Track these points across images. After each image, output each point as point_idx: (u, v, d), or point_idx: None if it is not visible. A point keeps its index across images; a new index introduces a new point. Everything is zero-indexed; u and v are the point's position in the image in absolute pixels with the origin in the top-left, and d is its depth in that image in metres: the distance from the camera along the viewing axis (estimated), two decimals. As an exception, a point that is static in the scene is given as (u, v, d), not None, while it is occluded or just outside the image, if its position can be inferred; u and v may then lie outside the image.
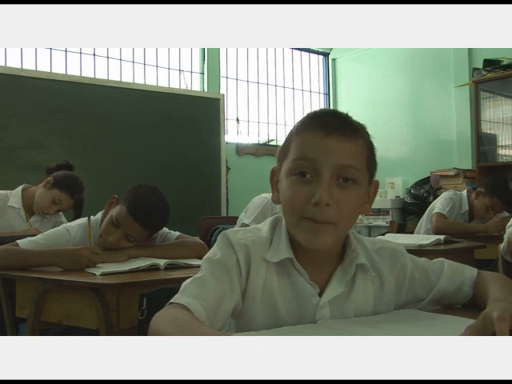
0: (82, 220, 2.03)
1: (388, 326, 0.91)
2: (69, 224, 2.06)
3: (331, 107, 6.42)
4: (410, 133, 5.74)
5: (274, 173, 1.00)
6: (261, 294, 0.94)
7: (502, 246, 2.25)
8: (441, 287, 1.05)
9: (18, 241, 1.87)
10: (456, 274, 1.06)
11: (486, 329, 0.74)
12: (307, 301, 0.94)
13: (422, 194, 5.16)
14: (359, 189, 0.92)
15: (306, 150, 0.91)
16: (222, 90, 5.54)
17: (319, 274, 0.96)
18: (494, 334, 0.72)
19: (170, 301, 0.86)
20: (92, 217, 2.03)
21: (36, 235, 1.96)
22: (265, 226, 1.00)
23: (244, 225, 2.97)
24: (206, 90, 5.41)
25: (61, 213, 2.89)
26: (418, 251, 2.33)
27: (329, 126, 0.91)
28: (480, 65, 5.01)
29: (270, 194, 1.02)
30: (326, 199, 0.87)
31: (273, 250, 0.96)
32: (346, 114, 0.96)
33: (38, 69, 4.39)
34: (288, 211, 0.94)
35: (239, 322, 0.96)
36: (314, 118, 0.95)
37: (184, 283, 0.90)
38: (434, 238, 2.71)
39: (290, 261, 0.95)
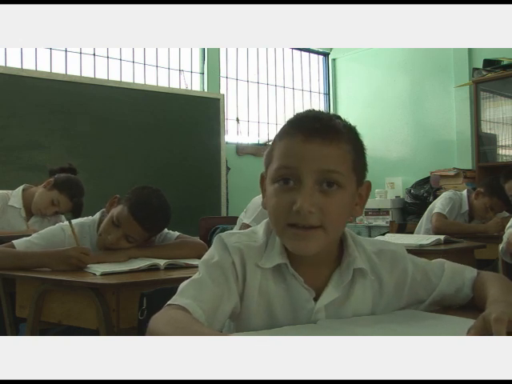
0: (79, 219, 2.03)
1: (387, 326, 0.90)
2: (65, 223, 2.06)
3: (331, 107, 6.43)
4: (410, 133, 5.73)
5: (263, 178, 0.98)
6: (257, 298, 0.93)
7: (501, 246, 2.25)
8: (441, 289, 1.04)
9: (13, 241, 1.86)
10: (456, 276, 1.05)
11: (486, 330, 0.74)
12: (302, 306, 0.93)
13: (422, 193, 5.16)
14: (345, 192, 0.90)
15: (287, 157, 0.89)
16: (222, 90, 5.53)
17: (316, 278, 0.95)
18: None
19: (168, 302, 0.86)
20: (90, 217, 2.04)
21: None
22: (260, 229, 0.99)
23: (244, 224, 2.97)
24: (205, 90, 5.41)
25: (62, 214, 2.88)
26: (418, 251, 2.32)
27: (310, 131, 0.88)
28: (480, 65, 5.01)
29: None
30: (307, 207, 0.85)
31: (267, 256, 0.94)
32: (331, 116, 0.93)
33: (38, 69, 4.38)
34: (273, 220, 0.92)
35: (238, 325, 0.95)
36: (295, 123, 0.93)
37: (181, 285, 0.90)
38: (433, 238, 2.71)
39: (286, 265, 0.94)
